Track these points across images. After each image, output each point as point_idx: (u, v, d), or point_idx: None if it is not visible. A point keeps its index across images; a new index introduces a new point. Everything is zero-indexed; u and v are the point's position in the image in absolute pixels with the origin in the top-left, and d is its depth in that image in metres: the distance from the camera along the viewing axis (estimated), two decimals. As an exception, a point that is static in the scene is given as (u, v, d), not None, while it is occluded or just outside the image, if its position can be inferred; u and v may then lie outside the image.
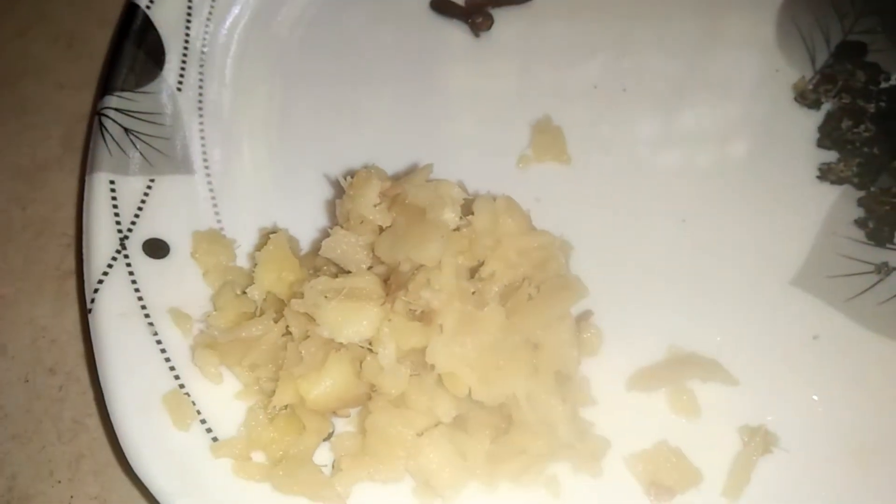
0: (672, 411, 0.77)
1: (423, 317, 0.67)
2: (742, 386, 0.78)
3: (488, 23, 1.00)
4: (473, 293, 0.70)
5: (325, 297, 0.68)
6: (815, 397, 0.79)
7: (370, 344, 0.67)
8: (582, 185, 0.90)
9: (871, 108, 0.92)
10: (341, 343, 0.68)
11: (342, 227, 0.72)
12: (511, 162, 0.91)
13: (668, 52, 0.99)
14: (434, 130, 0.93)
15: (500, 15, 1.01)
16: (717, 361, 0.78)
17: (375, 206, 0.71)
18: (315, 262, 0.76)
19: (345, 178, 0.74)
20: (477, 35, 1.00)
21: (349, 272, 0.71)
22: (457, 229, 0.72)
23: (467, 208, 0.73)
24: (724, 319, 0.82)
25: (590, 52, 0.99)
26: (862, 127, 0.91)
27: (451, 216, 0.70)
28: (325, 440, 0.71)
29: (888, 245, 0.86)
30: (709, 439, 0.75)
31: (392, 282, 0.68)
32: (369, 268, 0.72)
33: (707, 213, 0.88)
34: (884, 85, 0.95)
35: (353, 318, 0.66)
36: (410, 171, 0.76)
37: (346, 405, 0.70)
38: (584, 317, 0.80)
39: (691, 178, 0.90)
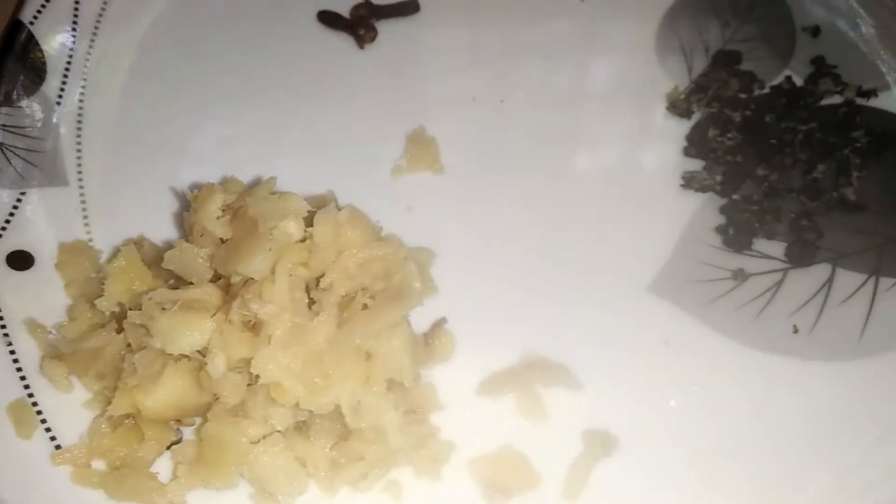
0: (520, 415, 0.79)
1: (254, 328, 0.68)
2: (590, 390, 0.80)
3: (372, 35, 1.02)
4: (314, 304, 0.71)
5: (163, 308, 0.69)
6: (673, 403, 0.81)
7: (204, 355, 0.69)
8: (453, 194, 0.92)
9: (738, 116, 0.94)
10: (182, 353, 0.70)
11: (188, 239, 0.74)
12: (386, 172, 0.93)
13: (549, 63, 1.00)
14: (310, 141, 0.94)
15: (387, 26, 1.03)
16: (564, 366, 0.80)
17: (218, 218, 0.73)
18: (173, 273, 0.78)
19: (191, 191, 0.76)
20: (362, 47, 1.02)
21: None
22: (303, 240, 0.73)
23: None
24: (580, 325, 0.83)
25: (471, 64, 1.00)
26: (728, 135, 0.93)
27: (293, 228, 0.72)
28: (169, 448, 0.73)
29: (746, 251, 0.88)
30: (554, 443, 0.77)
31: (228, 293, 0.70)
32: (218, 279, 0.74)
33: (573, 221, 0.90)
34: (757, 93, 0.97)
35: (185, 330, 0.68)
36: (255, 184, 0.78)
37: (186, 414, 0.72)
38: (438, 324, 0.82)
39: (559, 186, 0.92)
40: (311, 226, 0.74)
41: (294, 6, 1.03)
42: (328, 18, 1.04)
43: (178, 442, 0.74)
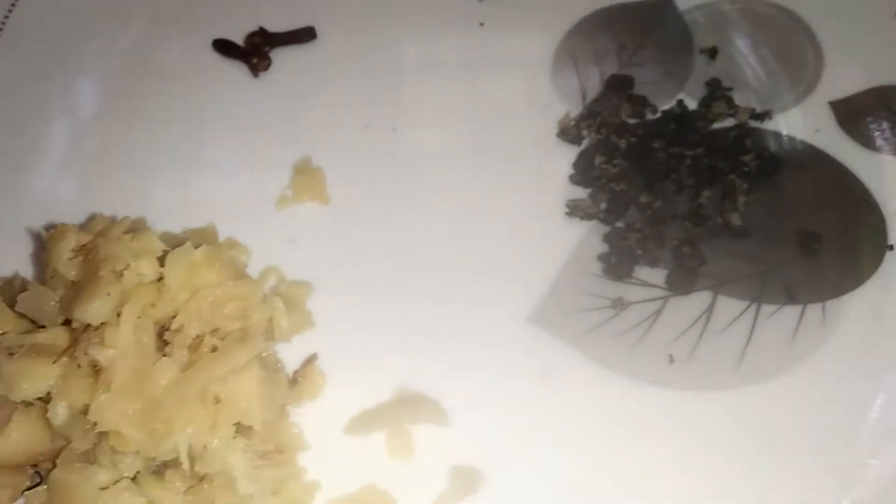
0: (389, 453, 0.78)
1: (98, 373, 0.68)
2: (461, 426, 0.79)
3: (265, 63, 1.02)
4: (167, 346, 0.71)
5: (10, 353, 0.69)
6: (545, 436, 0.80)
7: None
8: (337, 225, 0.91)
9: (624, 143, 0.93)
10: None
11: (42, 280, 0.73)
12: (271, 203, 0.93)
13: (445, 87, 1.00)
14: (195, 172, 0.94)
15: (282, 54, 1.03)
16: (435, 401, 0.80)
17: (70, 259, 0.72)
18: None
19: (46, 231, 0.75)
20: (256, 75, 1.02)
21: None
22: (159, 280, 0.73)
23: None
24: (456, 358, 0.83)
25: (366, 91, 1.00)
26: (614, 162, 0.92)
27: (146, 268, 0.71)
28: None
29: (626, 279, 0.87)
30: (420, 480, 0.77)
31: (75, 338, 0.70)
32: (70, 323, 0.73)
33: (456, 251, 0.89)
34: (650, 117, 0.96)
35: (28, 376, 0.68)
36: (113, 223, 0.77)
37: (41, 459, 0.72)
38: (309, 360, 0.81)
39: (443, 216, 0.91)
40: (172, 265, 0.73)
41: (188, 34, 1.03)
42: (223, 47, 1.04)
43: (37, 485, 0.73)
